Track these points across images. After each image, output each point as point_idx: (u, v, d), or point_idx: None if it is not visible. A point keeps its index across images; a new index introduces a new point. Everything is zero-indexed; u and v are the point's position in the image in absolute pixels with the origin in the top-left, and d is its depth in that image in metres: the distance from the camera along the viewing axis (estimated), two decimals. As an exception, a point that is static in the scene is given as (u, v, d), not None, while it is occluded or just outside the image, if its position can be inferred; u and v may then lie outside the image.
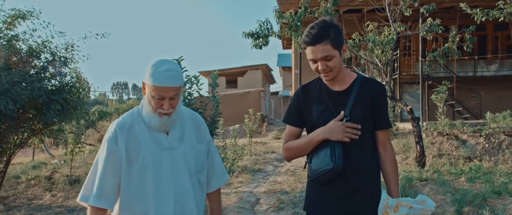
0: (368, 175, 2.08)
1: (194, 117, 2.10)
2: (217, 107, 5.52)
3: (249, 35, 7.71)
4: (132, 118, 1.95)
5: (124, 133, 1.88)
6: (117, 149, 1.86)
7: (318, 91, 2.13)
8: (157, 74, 1.81)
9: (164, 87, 1.80)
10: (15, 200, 6.93)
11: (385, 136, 2.14)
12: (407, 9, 8.25)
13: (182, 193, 1.91)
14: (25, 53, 7.12)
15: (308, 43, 1.97)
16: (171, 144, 1.93)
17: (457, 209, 4.79)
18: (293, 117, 2.21)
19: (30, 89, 6.40)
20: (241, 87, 29.44)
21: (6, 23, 6.96)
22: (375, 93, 2.08)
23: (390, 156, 2.13)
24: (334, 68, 1.99)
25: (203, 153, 2.05)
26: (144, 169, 1.86)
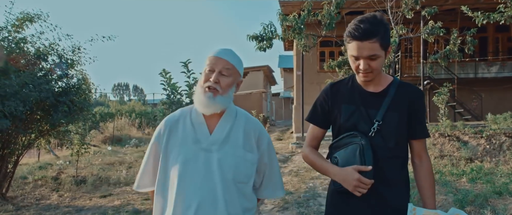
0: (398, 187, 1.91)
1: (248, 122, 1.95)
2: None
3: (253, 38, 7.82)
4: (181, 113, 1.93)
5: (168, 127, 1.87)
6: (159, 142, 1.88)
7: (350, 91, 1.97)
8: (216, 50, 1.86)
9: (216, 57, 1.81)
10: (23, 200, 7.04)
11: (421, 146, 1.96)
12: (409, 11, 8.36)
13: (209, 200, 1.77)
14: (33, 56, 7.25)
15: (355, 37, 1.78)
16: (210, 145, 1.82)
17: (458, 208, 4.89)
18: (317, 116, 2.06)
19: (38, 91, 6.51)
20: (242, 88, 29.53)
21: (14, 26, 7.09)
22: (414, 99, 1.91)
23: (427, 167, 1.96)
24: (376, 70, 1.83)
25: (249, 163, 1.87)
26: (176, 168, 1.81)
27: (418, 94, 1.93)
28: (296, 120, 17.20)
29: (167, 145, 1.85)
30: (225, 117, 1.88)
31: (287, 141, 16.16)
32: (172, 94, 5.41)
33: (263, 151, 1.94)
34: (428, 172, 1.95)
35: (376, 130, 1.85)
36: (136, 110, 25.65)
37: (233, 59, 1.85)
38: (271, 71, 33.91)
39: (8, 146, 7.08)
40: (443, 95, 10.04)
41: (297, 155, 11.66)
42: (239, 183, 1.83)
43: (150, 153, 1.91)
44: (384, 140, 1.85)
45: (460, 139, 8.50)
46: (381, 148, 1.85)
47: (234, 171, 1.81)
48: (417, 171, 1.96)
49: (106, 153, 12.43)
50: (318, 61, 17.88)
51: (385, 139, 1.85)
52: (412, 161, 1.99)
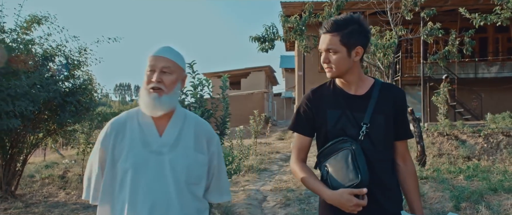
0: (392, 190, 1.90)
1: (198, 124, 1.91)
2: (227, 108, 5.80)
3: (255, 39, 8.00)
4: (128, 115, 1.85)
5: (114, 131, 1.79)
6: (105, 147, 1.79)
7: (333, 95, 1.92)
8: (154, 49, 1.80)
9: (156, 56, 1.76)
10: (32, 198, 7.23)
11: (405, 147, 1.95)
12: (408, 13, 8.51)
13: (163, 203, 1.73)
14: (40, 57, 7.44)
15: (322, 31, 1.85)
16: (161, 148, 1.77)
17: (455, 205, 5.08)
18: (301, 124, 1.99)
19: (47, 91, 6.69)
20: (244, 88, 29.71)
21: (23, 28, 7.27)
22: (397, 99, 1.91)
23: (411, 169, 1.94)
24: (335, 66, 1.82)
25: (200, 164, 1.84)
26: (125, 171, 1.73)
27: (401, 95, 1.93)
28: (298, 119, 17.38)
29: (114, 149, 1.77)
30: (175, 118, 1.83)
31: (288, 140, 16.34)
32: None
33: (212, 153, 1.90)
34: (413, 174, 1.94)
35: (365, 133, 1.82)
36: (138, 110, 25.82)
37: (173, 55, 1.79)
38: (272, 71, 34.10)
39: (17, 145, 7.27)
40: (442, 95, 10.19)
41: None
42: (191, 184, 1.80)
43: (96, 159, 1.80)
44: (373, 143, 1.83)
45: (459, 138, 8.67)
46: (371, 151, 1.82)
47: (186, 173, 1.77)
48: (402, 173, 1.93)
49: (110, 152, 12.63)
50: (319, 62, 18.05)
51: (374, 142, 1.83)
52: (395, 163, 1.94)
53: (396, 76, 17.41)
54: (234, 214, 5.75)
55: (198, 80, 5.45)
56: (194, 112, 5.40)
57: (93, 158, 1.83)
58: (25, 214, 6.23)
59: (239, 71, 30.67)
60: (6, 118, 5.87)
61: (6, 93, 5.84)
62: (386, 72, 8.22)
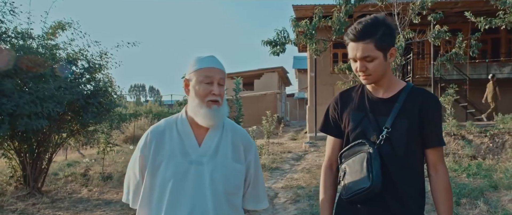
0: (411, 201, 1.81)
1: (236, 132, 1.92)
2: (240, 109, 6.18)
3: (267, 43, 8.36)
4: (167, 123, 1.86)
5: (155, 139, 1.81)
6: (145, 155, 1.80)
7: (359, 98, 1.92)
8: (202, 59, 1.78)
9: (212, 68, 1.76)
10: (57, 194, 7.68)
11: (437, 156, 1.84)
12: (416, 16, 8.79)
13: (199, 213, 1.74)
14: (64, 61, 7.89)
15: (350, 39, 1.78)
16: (200, 158, 1.78)
17: (455, 201, 5.36)
18: (329, 126, 2.01)
19: (71, 93, 7.13)
20: (257, 89, 30.06)
21: (48, 34, 7.73)
22: (425, 103, 1.81)
23: (444, 180, 1.82)
24: (374, 72, 1.78)
25: (238, 174, 1.85)
26: (165, 181, 1.75)
27: (431, 100, 1.84)
28: (310, 120, 17.67)
29: (155, 158, 1.79)
30: (213, 128, 1.83)
31: (301, 140, 16.65)
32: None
33: (250, 161, 1.91)
34: (445, 185, 1.82)
35: (384, 138, 1.77)
36: (153, 111, 26.34)
37: (223, 67, 1.83)
38: (285, 72, 34.38)
39: (43, 144, 7.73)
40: (449, 96, 10.42)
41: (310, 154, 12.15)
42: (229, 194, 1.80)
43: (136, 166, 1.84)
44: (394, 148, 1.77)
45: (465, 137, 8.91)
46: (391, 157, 1.77)
47: (224, 183, 1.79)
48: (433, 184, 1.84)
49: (128, 152, 13.08)
50: (331, 63, 18.31)
51: (395, 148, 1.77)
52: (428, 173, 1.87)
53: (407, 77, 17.67)
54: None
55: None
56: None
57: (133, 164, 1.85)
58: (52, 209, 6.67)
59: (253, 72, 31.02)
60: (35, 118, 6.30)
61: (35, 96, 6.28)
62: (394, 74, 8.49)
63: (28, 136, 7.26)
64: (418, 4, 8.68)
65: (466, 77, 17.70)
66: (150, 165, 1.78)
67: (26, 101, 6.05)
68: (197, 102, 1.76)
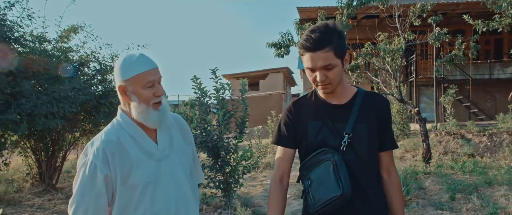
0: (378, 203, 1.84)
1: (176, 118, 1.97)
2: (246, 109, 6.45)
3: (272, 45, 8.65)
4: (117, 132, 1.75)
5: (115, 151, 1.70)
6: (109, 172, 1.69)
7: (314, 106, 1.88)
8: (135, 63, 1.69)
9: (150, 71, 1.70)
10: (71, 190, 8.01)
11: (390, 159, 1.88)
12: (416, 19, 9.04)
13: (184, 204, 1.80)
14: (76, 63, 8.23)
15: (307, 48, 1.70)
16: (163, 152, 1.79)
17: (450, 196, 5.65)
18: (284, 137, 1.92)
19: (84, 94, 7.46)
20: (263, 89, 30.34)
21: (62, 37, 8.08)
22: (381, 108, 1.84)
23: (396, 182, 1.88)
24: (334, 80, 1.74)
25: (190, 155, 1.95)
26: (144, 185, 1.73)
27: (384, 103, 1.87)
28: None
29: (122, 169, 1.70)
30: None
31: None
32: (202, 97, 6.26)
33: (191, 141, 1.98)
34: (397, 187, 1.88)
35: (347, 144, 1.75)
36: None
37: (155, 63, 1.77)
38: (290, 72, 34.65)
39: (57, 143, 8.07)
40: (449, 97, 10.68)
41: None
42: (192, 176, 1.92)
43: (102, 188, 1.69)
44: (356, 153, 1.76)
45: (465, 136, 9.17)
46: (355, 162, 1.76)
47: (189, 167, 1.88)
48: (386, 186, 1.88)
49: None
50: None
51: (357, 152, 1.76)
52: (379, 175, 1.88)
53: (410, 77, 17.92)
54: (253, 204, 6.40)
55: (220, 84, 6.14)
56: (216, 113, 6.09)
57: (91, 186, 1.68)
58: (67, 204, 7.00)
59: (258, 72, 31.31)
60: (52, 118, 6.64)
61: (52, 97, 6.61)
62: (394, 75, 8.77)
63: (43, 135, 7.61)
64: (418, 7, 8.93)
65: (469, 77, 17.92)
66: (120, 177, 1.70)
67: (43, 102, 6.37)
68: (144, 107, 1.71)
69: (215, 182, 5.99)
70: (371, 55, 9.19)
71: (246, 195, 6.92)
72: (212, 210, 5.92)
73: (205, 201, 6.09)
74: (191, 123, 6.10)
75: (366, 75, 9.83)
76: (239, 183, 6.15)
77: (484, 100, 18.35)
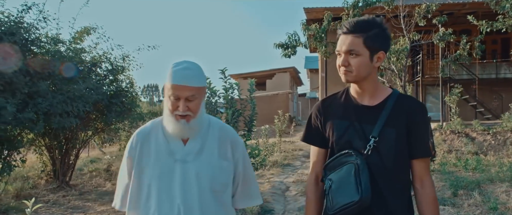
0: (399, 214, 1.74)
1: (222, 130, 1.91)
2: (254, 108, 6.65)
3: (279, 46, 8.86)
4: (153, 125, 1.87)
5: (140, 141, 1.82)
6: (133, 157, 1.82)
7: (343, 105, 1.83)
8: (173, 73, 1.71)
9: (179, 86, 1.69)
10: (84, 187, 8.27)
11: (423, 168, 1.75)
12: (421, 20, 9.20)
13: (186, 210, 1.75)
14: (89, 63, 8.47)
15: (342, 31, 1.70)
16: (185, 156, 1.78)
17: (453, 192, 5.82)
18: (312, 135, 1.90)
19: (97, 94, 7.70)
20: (269, 89, 30.49)
21: (75, 38, 8.32)
22: (412, 112, 1.73)
23: (430, 193, 1.74)
24: (355, 70, 1.68)
25: (225, 171, 1.85)
26: (152, 181, 1.77)
27: (418, 108, 1.76)
28: (321, 119, 18.09)
29: (141, 159, 1.81)
30: (189, 138, 1.82)
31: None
32: (211, 97, 6.47)
33: (237, 159, 1.90)
34: (431, 200, 1.74)
35: (372, 147, 1.69)
36: (167, 110, 27.01)
37: (196, 81, 1.73)
38: (297, 72, 34.79)
39: (71, 141, 8.32)
40: (454, 96, 10.80)
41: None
42: (216, 192, 1.81)
43: (125, 168, 1.86)
44: (382, 158, 1.70)
45: (469, 135, 9.31)
46: (379, 167, 1.69)
47: (211, 181, 1.79)
48: (418, 197, 1.76)
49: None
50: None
51: (383, 158, 1.70)
52: (413, 185, 1.78)
53: (417, 76, 18.02)
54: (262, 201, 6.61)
55: (229, 84, 6.35)
56: (225, 112, 6.29)
57: (122, 168, 1.88)
58: (81, 200, 7.25)
59: (265, 72, 31.48)
60: (66, 117, 6.87)
61: (66, 96, 6.85)
62: (399, 75, 8.93)
63: (57, 133, 7.86)
64: (423, 8, 9.08)
65: (476, 77, 17.98)
66: (136, 166, 1.80)
67: (58, 101, 6.60)
68: (167, 113, 1.76)
69: (224, 178, 6.19)
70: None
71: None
72: (222, 206, 6.12)
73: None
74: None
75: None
76: (248, 180, 6.35)
77: (491, 99, 18.38)
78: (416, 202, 1.76)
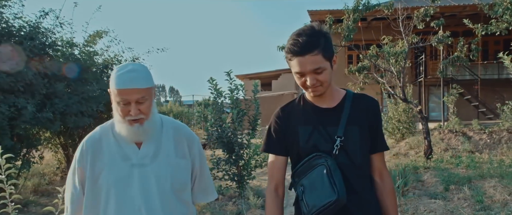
0: (373, 208, 1.80)
1: (176, 129, 1.88)
2: (258, 108, 7.04)
3: (282, 48, 9.22)
4: (102, 131, 1.81)
5: (91, 149, 1.75)
6: (83, 166, 1.74)
7: (303, 111, 1.85)
8: (118, 77, 1.65)
9: (126, 90, 1.63)
10: (96, 183, 8.70)
11: (381, 161, 1.85)
12: (420, 23, 9.52)
13: (149, 213, 1.71)
14: (101, 65, 8.90)
15: (295, 53, 1.66)
16: (142, 160, 1.74)
17: (445, 187, 6.18)
18: (273, 144, 1.88)
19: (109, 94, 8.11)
20: (275, 90, 30.83)
21: (88, 41, 8.75)
22: (370, 109, 1.82)
23: (389, 185, 1.83)
24: (324, 83, 1.71)
25: (184, 170, 1.83)
26: (109, 188, 1.71)
27: (375, 105, 1.85)
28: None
29: (94, 167, 1.73)
30: (142, 141, 1.77)
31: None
32: (217, 97, 6.86)
33: (194, 155, 1.89)
34: (391, 191, 1.83)
35: (339, 147, 1.72)
36: (173, 111, 27.52)
37: (143, 82, 1.67)
38: (302, 73, 35.07)
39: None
40: (452, 96, 11.13)
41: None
42: (177, 191, 1.79)
43: (75, 179, 1.76)
44: (350, 157, 1.74)
45: (466, 134, 9.64)
46: (348, 166, 1.73)
47: (171, 181, 1.76)
48: (379, 190, 1.83)
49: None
50: (346, 64, 19.06)
51: (351, 156, 1.74)
52: (372, 179, 1.84)
53: (420, 77, 18.33)
54: (264, 195, 6.98)
55: (234, 85, 6.74)
56: (231, 111, 6.69)
57: (72, 178, 1.78)
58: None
59: (270, 73, 31.83)
60: (81, 116, 7.30)
61: (81, 97, 7.27)
62: (398, 76, 9.27)
63: (72, 132, 8.29)
64: (421, 12, 9.41)
65: (478, 77, 18.25)
66: (90, 175, 1.72)
67: (74, 101, 7.03)
68: (118, 118, 1.71)
69: (230, 174, 6.59)
70: (376, 57, 9.70)
71: (258, 187, 7.49)
72: (227, 200, 6.50)
73: (221, 192, 6.68)
74: (208, 122, 6.73)
75: (372, 76, 10.33)
76: (252, 176, 6.75)
77: (493, 100, 18.63)
78: (377, 193, 1.83)
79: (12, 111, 5.99)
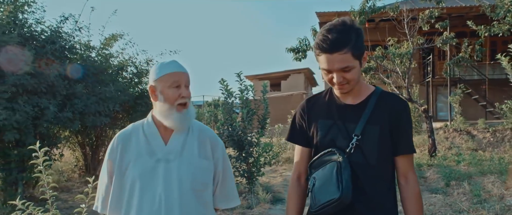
0: (384, 212, 1.73)
1: (202, 131, 1.95)
2: (267, 108, 7.35)
3: (290, 50, 9.55)
4: (133, 127, 1.91)
5: (121, 144, 1.85)
6: (113, 159, 1.84)
7: (327, 105, 1.83)
8: (167, 65, 1.80)
9: (178, 73, 1.79)
10: (112, 180, 9.09)
11: (407, 164, 1.77)
12: (425, 24, 9.78)
13: (167, 209, 1.77)
14: (116, 67, 9.28)
15: (323, 49, 1.62)
16: (167, 155, 1.82)
17: (446, 183, 6.45)
18: (297, 135, 1.91)
19: (124, 95, 8.49)
20: (284, 90, 31.05)
21: (104, 44, 9.13)
22: (396, 110, 1.74)
23: (414, 189, 1.74)
24: (352, 81, 1.67)
25: (205, 171, 1.88)
26: (134, 181, 1.78)
27: (401, 105, 1.76)
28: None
29: (122, 161, 1.83)
30: (182, 131, 1.88)
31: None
32: (228, 97, 7.19)
33: (217, 159, 1.94)
34: (415, 194, 1.74)
35: (355, 145, 1.69)
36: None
37: (186, 70, 1.85)
38: (311, 73, 35.28)
39: (100, 138, 9.15)
40: (457, 96, 11.35)
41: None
42: (197, 191, 1.83)
43: (105, 171, 1.87)
44: (365, 156, 1.70)
45: (470, 133, 9.88)
46: (362, 165, 1.70)
47: (192, 180, 1.82)
48: (403, 192, 1.76)
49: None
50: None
51: (366, 156, 1.70)
52: (397, 181, 1.79)
53: (427, 77, 18.50)
54: (273, 191, 7.29)
55: (244, 86, 7.07)
56: (241, 111, 7.01)
57: (103, 170, 1.89)
58: (110, 191, 8.04)
59: (279, 73, 32.07)
60: (98, 116, 7.68)
61: (99, 97, 7.65)
62: (403, 76, 9.54)
63: (89, 131, 8.68)
64: (426, 14, 9.67)
65: (485, 77, 18.38)
66: (118, 168, 1.82)
67: (92, 102, 7.41)
68: (168, 107, 1.79)
69: (240, 171, 6.92)
70: (382, 58, 9.98)
71: (267, 183, 7.81)
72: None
73: (231, 188, 7.01)
74: (218, 121, 7.07)
75: (378, 77, 10.60)
76: (261, 173, 7.07)
77: (501, 99, 18.72)
78: (400, 197, 1.77)
79: (35, 111, 6.37)
